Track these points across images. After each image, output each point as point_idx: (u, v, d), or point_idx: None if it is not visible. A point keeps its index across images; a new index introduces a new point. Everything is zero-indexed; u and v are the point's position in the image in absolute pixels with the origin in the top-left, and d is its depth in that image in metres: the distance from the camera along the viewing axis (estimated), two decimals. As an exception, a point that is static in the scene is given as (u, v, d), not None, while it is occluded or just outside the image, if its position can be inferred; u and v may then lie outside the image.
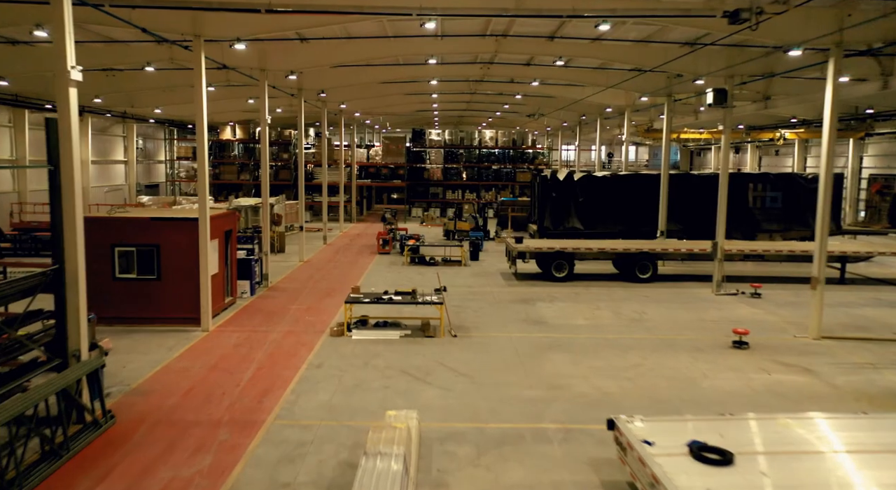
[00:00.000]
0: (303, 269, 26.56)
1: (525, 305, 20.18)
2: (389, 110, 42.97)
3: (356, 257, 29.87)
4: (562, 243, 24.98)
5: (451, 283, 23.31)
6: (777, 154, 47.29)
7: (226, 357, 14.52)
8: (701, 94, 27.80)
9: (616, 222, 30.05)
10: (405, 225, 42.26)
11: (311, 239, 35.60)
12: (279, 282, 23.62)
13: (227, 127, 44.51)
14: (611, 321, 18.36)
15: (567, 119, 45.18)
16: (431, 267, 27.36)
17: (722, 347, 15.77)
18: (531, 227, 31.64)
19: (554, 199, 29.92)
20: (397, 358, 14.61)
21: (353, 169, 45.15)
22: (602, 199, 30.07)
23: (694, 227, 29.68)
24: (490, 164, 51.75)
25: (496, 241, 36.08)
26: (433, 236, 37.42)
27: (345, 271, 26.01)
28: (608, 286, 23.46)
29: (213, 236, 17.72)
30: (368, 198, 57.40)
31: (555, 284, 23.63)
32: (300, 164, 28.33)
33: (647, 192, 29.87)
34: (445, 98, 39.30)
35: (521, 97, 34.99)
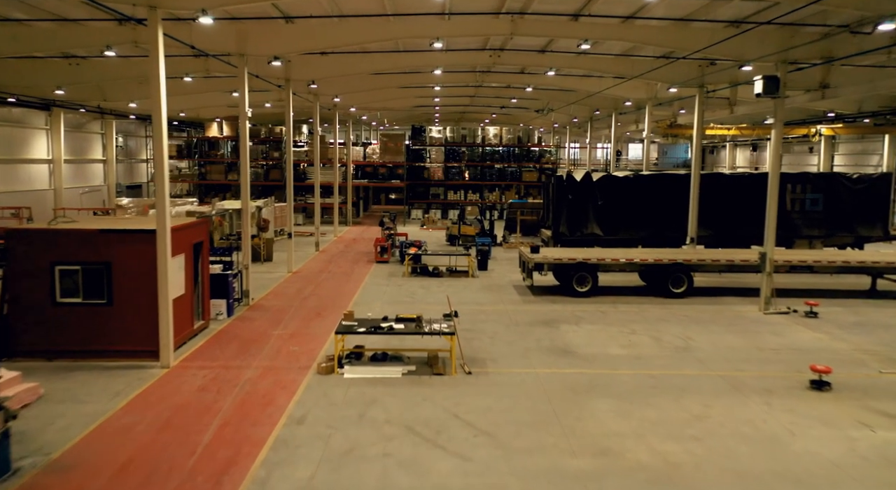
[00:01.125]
0: (291, 281, 23.62)
1: (547, 329, 17.26)
2: (387, 105, 40.00)
3: (351, 267, 26.93)
4: (584, 253, 22.07)
5: (459, 300, 20.39)
6: (811, 151, 44.29)
7: (184, 407, 11.57)
8: (737, 84, 24.93)
9: (639, 228, 27.18)
10: (404, 229, 39.32)
11: (302, 245, 32.66)
12: (263, 298, 20.68)
13: (213, 123, 41.53)
14: (652, 350, 15.45)
15: (578, 114, 42.27)
16: (435, 278, 24.45)
17: (798, 388, 12.86)
18: (544, 232, 28.74)
19: (570, 202, 27.02)
20: (400, 406, 11.68)
21: (348, 168, 42.22)
22: (623, 201, 27.19)
23: (725, 232, 26.88)
24: (494, 163, 48.88)
25: (504, 247, 33.17)
26: (435, 241, 34.50)
27: (338, 284, 23.08)
28: (638, 303, 20.56)
29: (178, 251, 14.77)
30: (366, 199, 54.51)
31: (577, 301, 20.72)
32: (288, 162, 25.38)
33: (673, 193, 27.05)
34: (448, 91, 36.35)
35: (531, 89, 32.07)
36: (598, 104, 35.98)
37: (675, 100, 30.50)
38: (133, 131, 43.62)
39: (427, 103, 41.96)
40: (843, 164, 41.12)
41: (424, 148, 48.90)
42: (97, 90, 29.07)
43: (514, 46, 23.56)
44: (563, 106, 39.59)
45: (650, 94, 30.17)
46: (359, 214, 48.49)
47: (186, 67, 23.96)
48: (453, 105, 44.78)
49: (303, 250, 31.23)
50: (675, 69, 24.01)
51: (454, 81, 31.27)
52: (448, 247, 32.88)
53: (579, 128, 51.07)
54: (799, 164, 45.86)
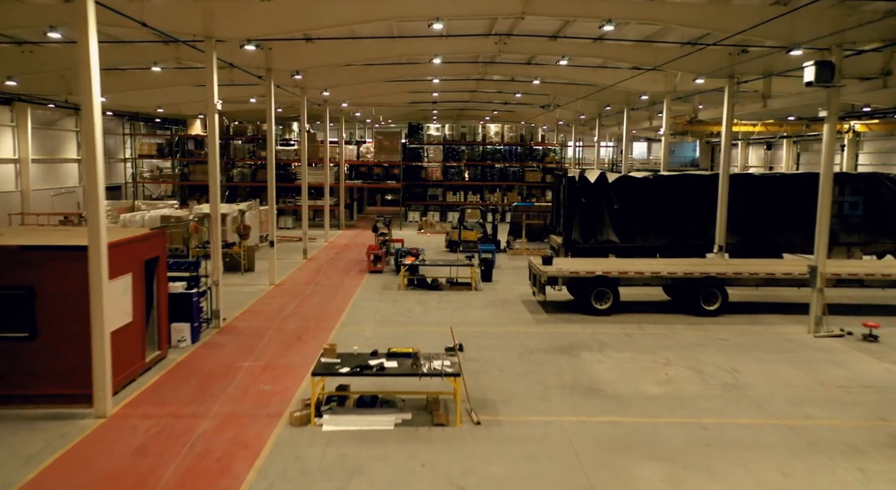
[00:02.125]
0: (272, 296, 21.00)
1: (566, 357, 14.67)
2: (381, 101, 37.39)
3: (341, 277, 24.31)
4: (604, 265, 19.46)
5: (461, 320, 17.79)
6: (842, 149, 41.55)
7: (110, 481, 8.95)
8: (771, 75, 22.36)
9: (659, 234, 24.57)
10: (401, 233, 36.68)
11: (288, 252, 30.02)
12: (237, 317, 18.05)
13: (196, 120, 38.88)
14: (696, 387, 12.87)
15: (586, 111, 39.69)
16: (434, 292, 21.85)
17: (892, 446, 10.28)
18: (553, 239, 26.14)
19: (583, 206, 24.40)
20: (391, 477, 9.08)
21: (341, 168, 39.60)
22: (642, 205, 24.56)
23: (754, 239, 24.31)
24: (495, 163, 46.26)
25: (509, 254, 30.58)
26: (434, 247, 31.91)
27: (325, 299, 20.46)
28: (667, 323, 17.98)
29: (122, 270, 12.15)
30: (360, 200, 51.88)
31: (597, 320, 18.14)
32: (269, 161, 22.76)
33: (697, 196, 24.46)
34: (447, 86, 33.75)
35: (538, 82, 29.46)
36: (609, 99, 33.39)
37: (696, 93, 27.92)
38: (112, 129, 40.92)
39: (424, 99, 39.36)
40: (868, 164, 38.56)
41: (422, 146, 46.28)
42: (61, 82, 26.39)
43: (523, 31, 20.98)
44: (570, 101, 37.03)
45: (669, 87, 27.58)
46: (352, 217, 45.87)
47: (153, 55, 21.33)
48: (452, 101, 42.24)
49: (289, 258, 28.60)
50: (703, 57, 21.44)
51: (454, 74, 28.65)
52: (448, 253, 30.30)
53: (585, 125, 48.52)
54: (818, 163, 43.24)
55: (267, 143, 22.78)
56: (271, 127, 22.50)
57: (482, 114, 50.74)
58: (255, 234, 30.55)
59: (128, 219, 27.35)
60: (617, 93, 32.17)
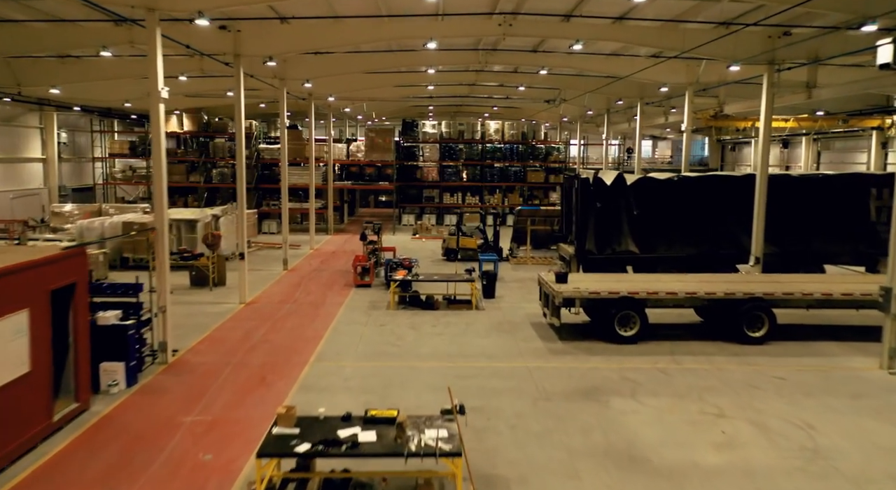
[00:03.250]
0: (240, 318, 18.05)
1: (593, 406, 11.76)
2: (371, 94, 34.43)
3: (323, 293, 21.36)
4: (628, 283, 16.53)
5: (461, 350, 14.88)
6: (884, 147, 38.28)
7: None
8: (816, 62, 19.47)
9: (684, 243, 21.69)
10: (394, 239, 33.76)
11: (268, 261, 27.05)
12: (192, 348, 15.09)
13: (171, 116, 35.85)
14: (766, 455, 9.95)
15: (594, 106, 36.78)
16: (429, 312, 18.91)
17: None
18: (564, 248, 23.22)
19: (599, 212, 21.50)
20: None
21: (329, 168, 36.62)
22: (665, 210, 21.70)
23: (793, 249, 21.46)
24: (494, 162, 43.29)
25: (512, 263, 27.65)
26: (429, 255, 28.99)
27: (301, 323, 17.51)
28: (706, 353, 15.07)
29: (12, 305, 9.20)
30: (352, 202, 48.87)
31: (622, 350, 15.23)
32: (238, 160, 19.83)
33: (728, 200, 21.66)
34: (444, 77, 30.84)
35: (545, 73, 26.52)
36: (622, 92, 30.50)
37: (721, 85, 25.01)
38: (81, 125, 37.87)
39: (419, 93, 36.43)
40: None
41: (417, 145, 43.27)
42: (7, 72, 23.37)
43: (532, 10, 18.06)
44: (577, 95, 34.09)
45: (692, 77, 24.71)
46: (343, 220, 42.84)
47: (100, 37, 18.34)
48: (449, 96, 39.33)
49: (268, 268, 25.63)
50: (740, 41, 18.55)
51: (452, 62, 25.70)
52: (445, 262, 27.38)
53: (590, 122, 45.66)
54: (843, 162, 40.48)
55: (236, 141, 19.82)
56: (240, 122, 19.51)
57: (482, 110, 47.85)
58: (231, 241, 27.60)
59: (85, 226, 24.34)
60: (631, 85, 29.30)
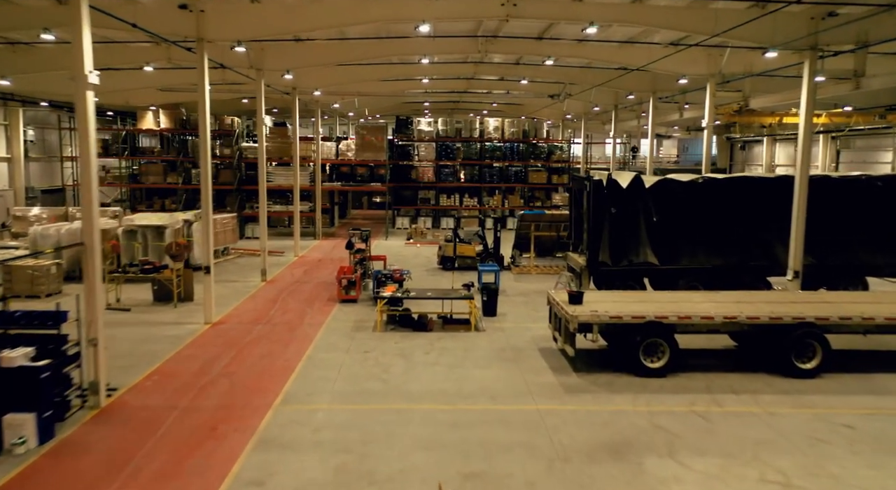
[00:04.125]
0: (202, 342, 15.58)
1: (621, 469, 9.32)
2: (360, 88, 32.01)
3: (302, 310, 18.90)
4: (654, 304, 14.08)
5: (459, 388, 12.43)
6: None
7: None
8: (865, 46, 17.03)
9: (710, 253, 19.26)
10: (386, 244, 31.37)
11: (245, 271, 24.58)
12: (136, 385, 12.62)
13: (147, 113, 33.32)
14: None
15: (601, 101, 34.32)
16: (422, 334, 16.46)
17: None
18: (573, 258, 20.79)
19: (614, 218, 19.07)
20: None
21: (316, 168, 34.12)
22: (688, 216, 19.29)
23: (831, 260, 19.06)
24: (494, 162, 40.86)
25: (514, 272, 25.21)
26: (424, 263, 26.58)
27: (272, 350, 15.05)
28: (750, 389, 12.63)
29: None
30: (343, 204, 46.43)
31: (649, 386, 12.79)
32: (202, 158, 17.32)
33: (759, 205, 19.26)
34: (440, 70, 28.41)
35: (551, 63, 24.04)
36: (633, 86, 28.06)
37: (747, 76, 22.58)
38: (50, 122, 35.33)
39: (413, 88, 33.97)
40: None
41: (412, 143, 40.83)
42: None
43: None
44: (584, 90, 31.66)
45: (713, 68, 22.29)
46: (333, 223, 40.39)
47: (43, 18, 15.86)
48: (446, 92, 36.89)
49: (244, 279, 23.17)
50: (778, 24, 16.12)
51: (448, 51, 23.22)
52: (440, 272, 24.96)
53: (595, 119, 43.24)
54: (864, 162, 38.11)
55: (200, 137, 17.30)
56: (203, 117, 16.99)
57: (480, 107, 45.44)
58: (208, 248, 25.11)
59: (39, 232, 21.82)
60: (643, 78, 26.92)
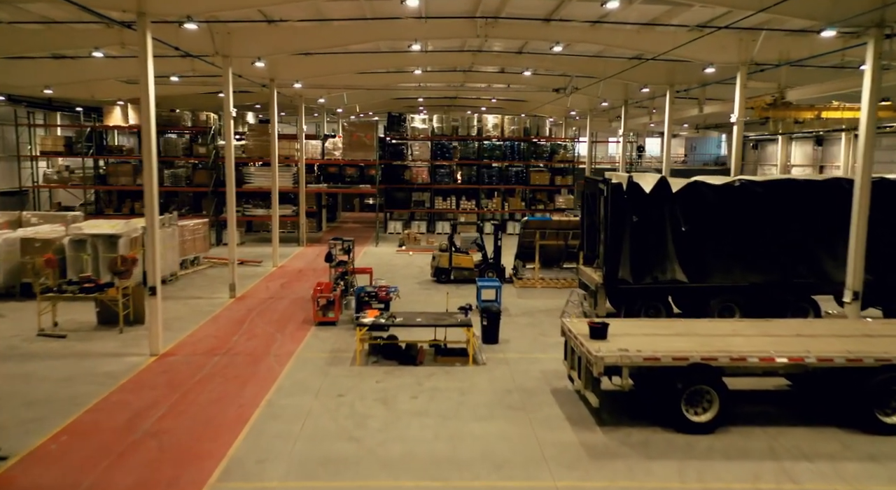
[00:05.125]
0: (140, 381, 12.77)
1: None
2: (347, 81, 29.15)
3: (272, 335, 16.11)
4: (698, 340, 11.29)
5: (453, 452, 9.65)
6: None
7: None
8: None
9: (747, 269, 16.53)
10: (376, 251, 28.60)
11: (214, 285, 21.78)
12: (35, 452, 9.82)
13: (114, 108, 30.44)
14: None
15: (610, 96, 31.55)
16: (409, 369, 13.68)
17: None
18: (586, 273, 18.04)
19: (636, 228, 16.30)
20: None
21: (300, 168, 31.30)
22: (722, 226, 16.54)
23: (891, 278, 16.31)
24: (493, 162, 38.10)
25: (517, 286, 22.46)
26: (417, 274, 23.87)
27: (223, 392, 12.26)
28: (825, 454, 9.88)
29: None
30: (332, 206, 43.63)
31: (694, 447, 10.03)
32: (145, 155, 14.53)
33: (806, 213, 16.53)
34: (436, 59, 25.61)
35: (560, 50, 21.20)
36: (649, 77, 25.29)
37: (783, 64, 19.81)
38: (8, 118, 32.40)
39: (405, 81, 31.17)
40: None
41: (405, 142, 38.05)
42: None
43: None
44: (591, 84, 28.89)
45: (745, 55, 19.54)
46: (320, 227, 37.60)
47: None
48: (442, 87, 34.12)
49: (210, 295, 20.38)
50: None
51: (444, 36, 20.40)
52: (434, 285, 22.21)
53: (602, 115, 40.49)
54: (892, 161, 35.43)
55: (143, 131, 14.52)
56: (147, 107, 14.24)
57: (479, 103, 42.64)
58: (171, 259, 22.34)
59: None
60: (660, 69, 24.22)
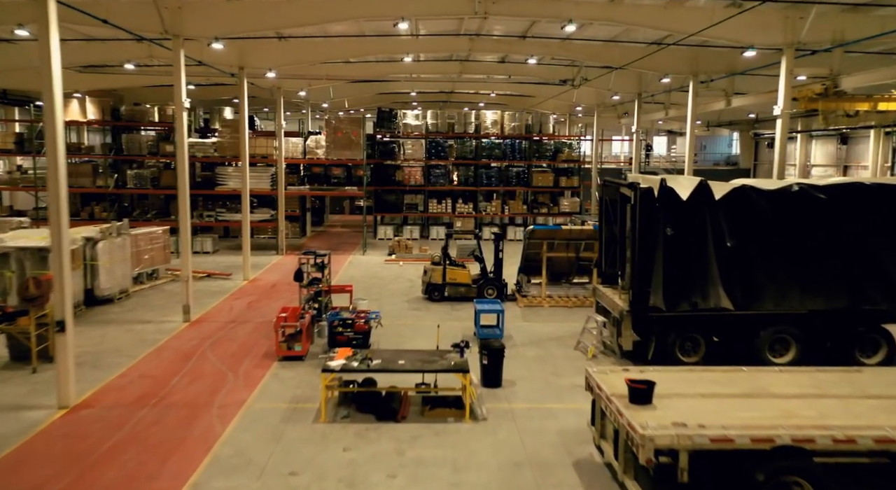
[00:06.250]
0: (32, 451, 9.69)
1: None
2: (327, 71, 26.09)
3: (222, 376, 13.04)
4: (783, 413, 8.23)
5: None
6: None
7: None
8: None
9: (806, 293, 13.53)
10: (363, 260, 25.49)
11: (169, 304, 18.66)
12: None
13: (71, 100, 27.31)
14: None
15: (623, 89, 28.49)
16: (389, 427, 10.61)
17: None
18: (606, 295, 15.01)
19: (670, 243, 13.25)
20: None
21: (279, 169, 28.22)
22: (776, 240, 13.50)
23: None
24: (492, 161, 35.07)
25: (521, 304, 19.44)
26: (406, 289, 20.89)
27: (137, 467, 9.19)
28: None
29: None
30: (320, 209, 40.54)
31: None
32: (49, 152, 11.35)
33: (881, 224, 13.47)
34: (428, 44, 22.54)
35: (573, 29, 18.15)
36: (670, 65, 22.27)
37: (837, 47, 16.76)
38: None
39: (395, 71, 28.14)
40: None
41: (396, 140, 35.00)
42: None
43: None
44: (603, 74, 25.89)
45: (791, 35, 16.53)
46: (304, 232, 34.52)
47: None
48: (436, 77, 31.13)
49: (162, 318, 17.32)
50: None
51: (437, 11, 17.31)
52: (425, 304, 19.18)
53: (611, 112, 37.51)
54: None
55: (45, 123, 11.38)
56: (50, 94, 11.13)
57: (477, 98, 39.63)
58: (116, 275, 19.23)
59: None
60: (683, 56, 21.34)
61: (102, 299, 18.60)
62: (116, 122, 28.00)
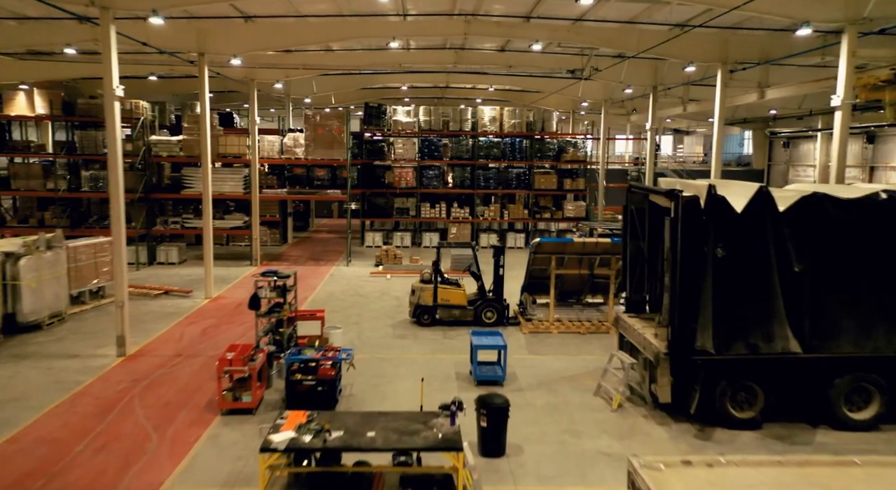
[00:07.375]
0: None
1: None
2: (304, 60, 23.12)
3: (142, 440, 10.07)
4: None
5: None
6: None
7: None
8: None
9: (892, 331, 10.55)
10: (346, 272, 22.49)
11: (106, 332, 15.60)
12: None
13: (18, 94, 24.26)
14: None
15: (637, 81, 25.51)
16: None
17: None
18: (634, 328, 12.07)
19: (721, 267, 10.29)
20: None
21: (252, 170, 25.21)
22: (858, 264, 10.56)
23: None
24: (490, 162, 32.13)
25: (524, 330, 16.51)
26: (391, 309, 17.99)
27: None
28: None
29: None
30: (305, 213, 37.60)
31: None
32: None
33: None
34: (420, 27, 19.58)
35: (593, 2, 15.20)
36: (695, 52, 19.30)
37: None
38: None
39: (382, 62, 25.16)
40: None
41: (386, 138, 32.05)
42: None
43: None
44: (615, 64, 22.94)
45: (854, 11, 13.62)
46: (286, 239, 31.57)
47: None
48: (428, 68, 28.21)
49: (92, 351, 14.34)
50: None
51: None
52: (413, 329, 16.21)
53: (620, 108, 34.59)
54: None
55: None
56: None
57: (474, 92, 36.68)
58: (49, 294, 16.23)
59: None
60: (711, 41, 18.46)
61: (26, 326, 15.61)
62: (70, 116, 24.92)
